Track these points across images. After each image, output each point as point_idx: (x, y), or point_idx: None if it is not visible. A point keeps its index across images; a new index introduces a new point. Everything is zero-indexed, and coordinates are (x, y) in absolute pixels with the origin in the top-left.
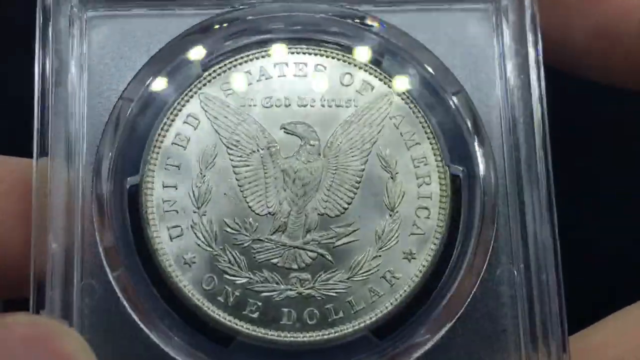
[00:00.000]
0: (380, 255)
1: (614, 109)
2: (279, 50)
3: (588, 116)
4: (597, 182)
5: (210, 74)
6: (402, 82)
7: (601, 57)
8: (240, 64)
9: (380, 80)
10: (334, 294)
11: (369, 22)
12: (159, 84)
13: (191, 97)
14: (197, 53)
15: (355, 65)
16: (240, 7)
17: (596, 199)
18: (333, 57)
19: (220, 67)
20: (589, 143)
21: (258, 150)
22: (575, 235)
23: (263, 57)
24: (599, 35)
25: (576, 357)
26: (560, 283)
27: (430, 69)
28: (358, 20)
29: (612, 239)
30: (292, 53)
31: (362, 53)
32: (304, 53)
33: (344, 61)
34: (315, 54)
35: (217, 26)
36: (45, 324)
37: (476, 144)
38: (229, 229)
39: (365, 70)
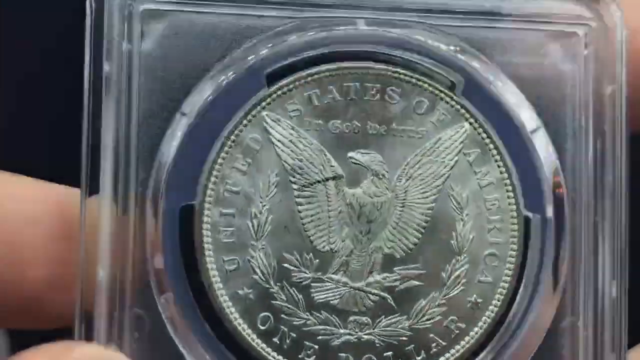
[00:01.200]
0: (444, 302)
1: None
2: (349, 69)
3: None
4: None
5: (275, 91)
6: (478, 115)
7: None
8: (308, 82)
9: (457, 111)
10: (395, 342)
11: (449, 47)
12: (219, 100)
13: (254, 116)
14: (261, 66)
15: (430, 92)
16: (307, 16)
17: None
18: (407, 82)
19: (285, 85)
20: None
21: (323, 181)
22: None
23: (332, 76)
24: None
25: None
26: (622, 340)
27: (509, 102)
28: (436, 44)
29: None
30: (364, 74)
31: (439, 80)
32: (376, 75)
33: (419, 87)
34: (389, 76)
35: (284, 38)
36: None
37: (553, 189)
38: (287, 265)
39: (441, 99)
